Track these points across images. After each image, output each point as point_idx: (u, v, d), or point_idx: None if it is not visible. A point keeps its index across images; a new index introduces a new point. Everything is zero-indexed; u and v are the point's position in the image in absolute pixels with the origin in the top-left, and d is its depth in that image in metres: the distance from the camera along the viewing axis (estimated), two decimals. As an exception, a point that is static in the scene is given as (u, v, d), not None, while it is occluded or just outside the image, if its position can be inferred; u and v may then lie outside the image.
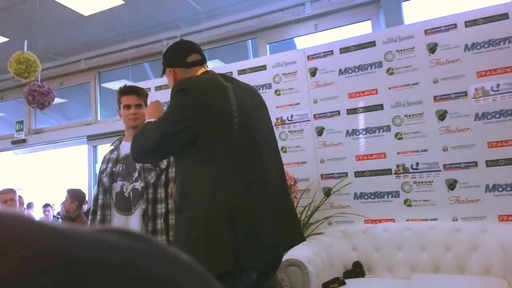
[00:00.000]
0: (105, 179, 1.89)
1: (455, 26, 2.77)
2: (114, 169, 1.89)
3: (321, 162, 3.06)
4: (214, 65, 4.58)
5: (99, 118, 5.66)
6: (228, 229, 1.21)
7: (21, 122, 5.96)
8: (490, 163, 2.58)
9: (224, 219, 1.22)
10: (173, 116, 1.32)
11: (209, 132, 1.29)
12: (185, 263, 0.18)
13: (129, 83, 4.80)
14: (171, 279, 0.17)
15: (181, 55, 1.49)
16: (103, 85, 5.75)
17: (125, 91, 1.96)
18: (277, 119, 3.24)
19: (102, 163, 1.98)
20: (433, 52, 2.81)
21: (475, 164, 2.62)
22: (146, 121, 1.47)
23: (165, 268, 0.17)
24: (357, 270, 2.53)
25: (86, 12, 4.30)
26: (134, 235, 0.19)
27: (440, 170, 2.70)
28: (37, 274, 0.14)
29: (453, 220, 2.62)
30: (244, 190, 1.27)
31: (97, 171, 5.27)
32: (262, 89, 3.32)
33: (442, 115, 2.74)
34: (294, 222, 1.47)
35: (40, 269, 0.14)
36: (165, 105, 1.60)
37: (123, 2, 4.13)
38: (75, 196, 3.34)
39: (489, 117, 2.62)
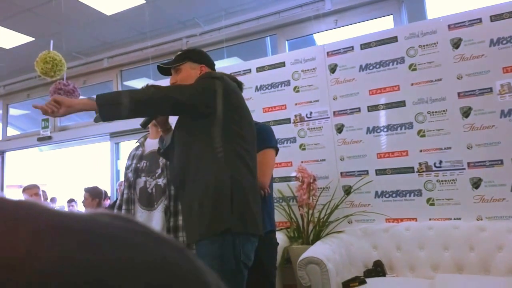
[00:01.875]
0: (129, 175, 1.94)
1: (479, 20, 2.69)
2: (138, 165, 1.94)
3: (341, 159, 3.04)
4: (233, 63, 4.60)
5: (121, 116, 5.76)
6: (228, 205, 1.38)
7: (46, 120, 6.13)
8: (517, 161, 2.51)
9: (227, 197, 1.38)
10: (202, 95, 1.45)
11: (225, 120, 1.46)
12: (170, 241, 0.21)
13: (150, 81, 4.88)
14: (158, 253, 0.19)
15: (211, 61, 1.72)
16: (125, 83, 5.86)
17: (148, 89, 2.00)
18: (295, 116, 3.23)
19: (128, 159, 2.04)
20: (457, 48, 2.74)
21: (500, 162, 2.55)
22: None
23: (151, 243, 0.20)
24: (378, 269, 2.51)
25: (108, 12, 4.38)
26: (124, 218, 0.22)
27: (464, 168, 2.65)
28: (39, 244, 0.17)
29: (478, 220, 2.56)
30: (243, 175, 1.44)
31: (120, 167, 5.41)
32: (281, 86, 3.31)
33: (466, 112, 2.68)
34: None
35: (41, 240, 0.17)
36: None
37: (144, 1, 4.19)
38: (95, 194, 3.40)
39: (516, 114, 2.55)
